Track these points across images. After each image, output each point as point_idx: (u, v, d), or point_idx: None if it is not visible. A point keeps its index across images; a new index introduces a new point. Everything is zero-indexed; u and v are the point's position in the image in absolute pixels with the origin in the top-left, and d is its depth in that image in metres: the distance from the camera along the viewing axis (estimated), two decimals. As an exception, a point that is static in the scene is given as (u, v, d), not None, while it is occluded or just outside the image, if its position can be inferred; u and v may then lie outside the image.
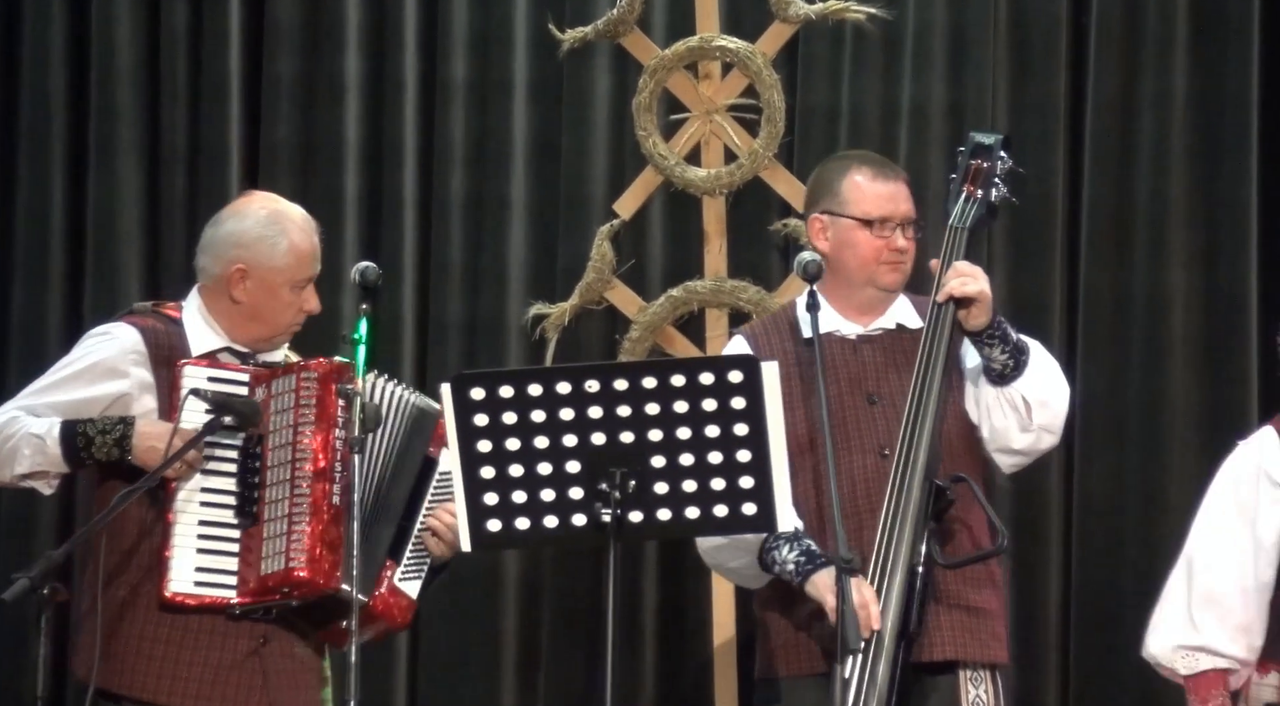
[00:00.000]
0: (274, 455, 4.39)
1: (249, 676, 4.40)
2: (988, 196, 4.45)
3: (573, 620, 5.91)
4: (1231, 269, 5.73)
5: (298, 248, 4.48)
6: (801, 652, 4.36)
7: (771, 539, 4.29)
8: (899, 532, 4.28)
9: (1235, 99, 5.75)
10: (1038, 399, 4.37)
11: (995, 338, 4.33)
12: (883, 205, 4.42)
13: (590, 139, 6.04)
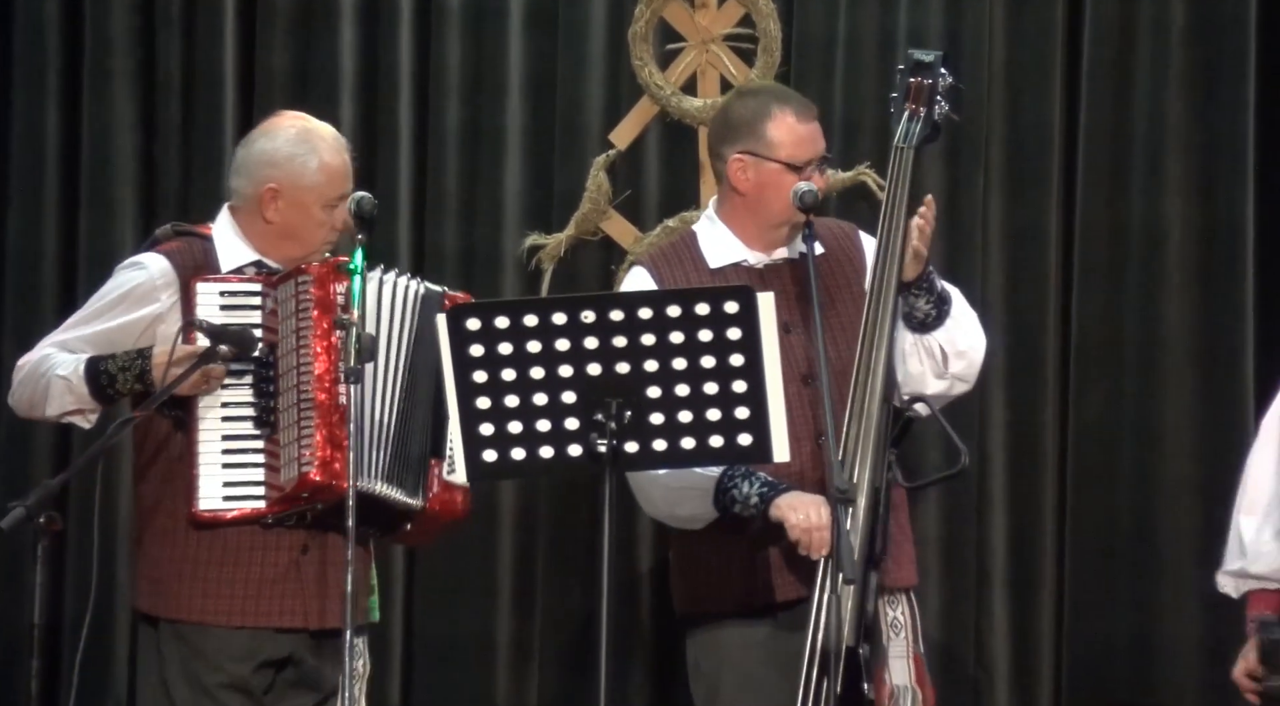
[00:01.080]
0: (284, 362, 4.42)
1: (291, 586, 4.43)
2: (931, 114, 4.44)
3: (569, 549, 5.93)
4: (1228, 199, 5.72)
5: (329, 166, 4.49)
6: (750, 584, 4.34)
7: (727, 478, 4.29)
8: (860, 456, 4.28)
9: (1232, 27, 5.72)
10: (955, 349, 4.39)
11: (924, 288, 4.33)
12: (808, 149, 4.41)
13: (586, 69, 6.02)
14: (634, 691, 5.92)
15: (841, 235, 4.54)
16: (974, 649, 5.79)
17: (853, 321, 4.41)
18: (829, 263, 4.47)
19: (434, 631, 6.02)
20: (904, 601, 4.41)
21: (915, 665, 4.36)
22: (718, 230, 4.46)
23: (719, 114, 4.57)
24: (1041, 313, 5.80)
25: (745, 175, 4.42)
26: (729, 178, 4.44)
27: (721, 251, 4.44)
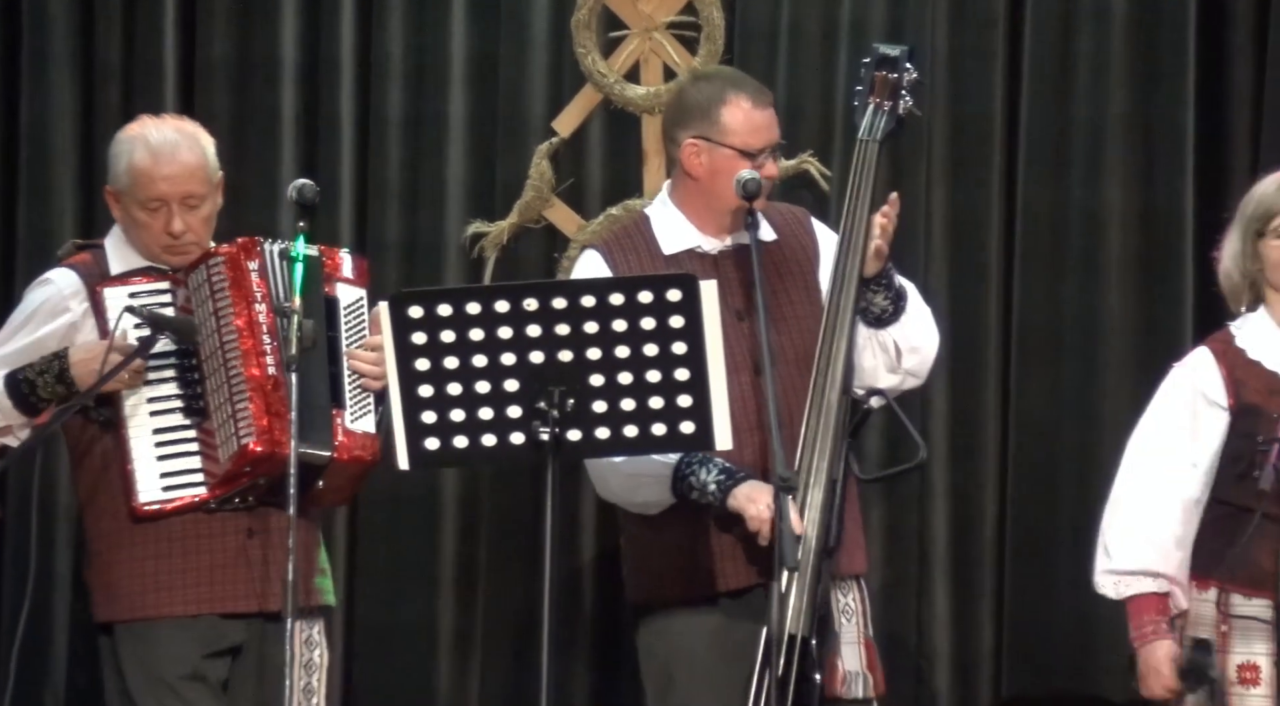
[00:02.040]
0: (206, 346, 4.39)
1: (242, 571, 4.41)
2: (896, 108, 4.44)
3: (511, 537, 5.93)
4: (1167, 188, 5.75)
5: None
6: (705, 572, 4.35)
7: (684, 465, 4.28)
8: (819, 446, 4.28)
9: (1172, 18, 5.75)
10: (909, 345, 4.40)
11: (883, 284, 4.34)
12: (763, 136, 4.39)
13: (529, 56, 6.01)
14: (576, 679, 5.93)
15: (794, 221, 4.53)
16: (915, 635, 5.81)
17: (805, 309, 4.41)
18: (781, 250, 4.47)
19: (375, 619, 6.01)
20: (855, 588, 4.42)
21: (866, 650, 4.37)
22: (671, 215, 4.45)
23: (674, 97, 4.54)
24: (983, 300, 5.83)
25: (698, 160, 4.41)
26: (682, 162, 4.42)
27: (675, 237, 4.42)
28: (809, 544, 4.23)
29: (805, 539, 4.23)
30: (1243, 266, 4.45)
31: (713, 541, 4.32)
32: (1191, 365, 4.47)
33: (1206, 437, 4.39)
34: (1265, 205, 4.43)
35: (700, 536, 4.33)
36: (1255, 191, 4.48)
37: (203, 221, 4.47)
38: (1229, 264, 4.48)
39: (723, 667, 4.30)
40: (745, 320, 4.34)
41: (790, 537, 4.05)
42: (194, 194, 4.45)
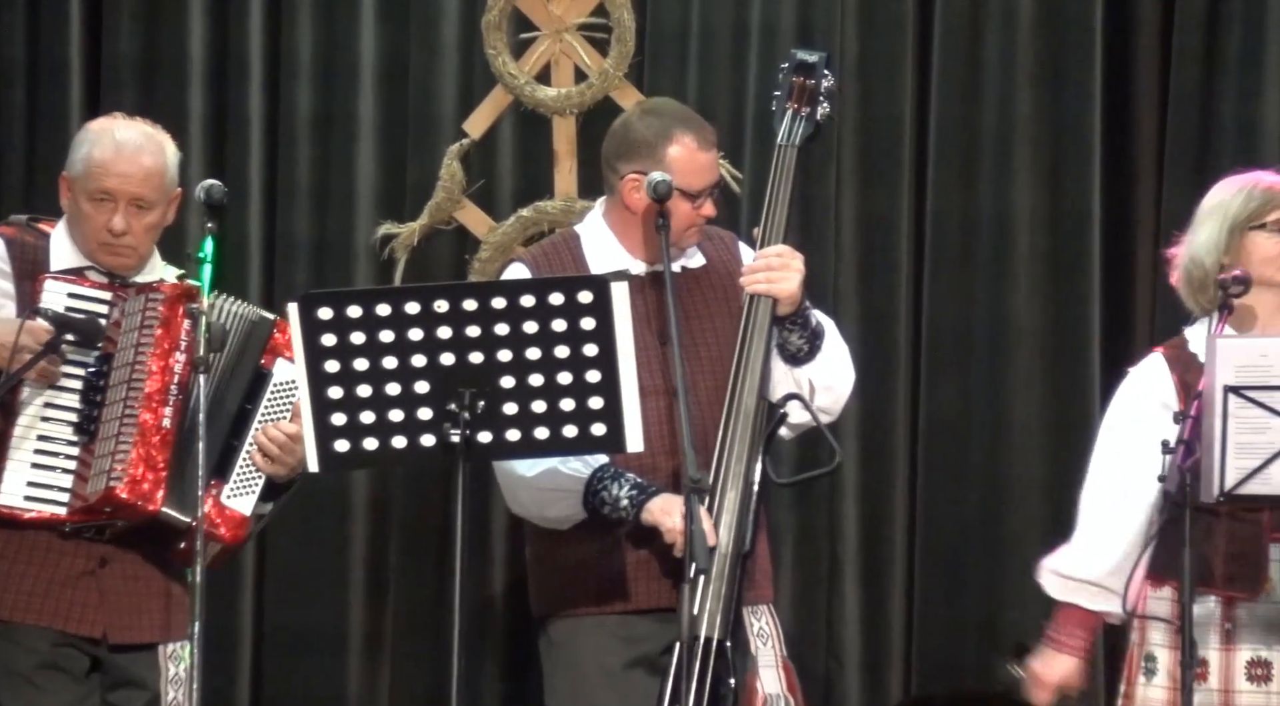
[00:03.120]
0: (116, 374, 4.35)
1: (84, 595, 4.36)
2: (814, 114, 4.45)
3: (421, 540, 5.91)
4: (1075, 189, 5.79)
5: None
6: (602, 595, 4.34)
7: (596, 480, 4.27)
8: (734, 451, 4.28)
9: (1078, 20, 5.79)
10: (824, 383, 4.42)
11: (798, 324, 4.35)
12: (704, 177, 4.39)
13: (439, 57, 5.99)
14: (486, 682, 5.91)
15: (722, 247, 4.54)
16: (826, 637, 5.83)
17: (728, 337, 4.41)
18: (709, 275, 4.47)
19: (284, 623, 5.97)
20: (766, 612, 4.43)
21: (785, 672, 4.38)
22: (602, 236, 4.45)
23: (619, 127, 4.50)
24: (893, 302, 5.85)
25: (638, 195, 4.38)
26: (621, 194, 4.41)
27: (604, 257, 4.42)
28: (723, 547, 4.23)
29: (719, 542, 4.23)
30: (1214, 258, 4.46)
31: (621, 559, 4.31)
32: (1146, 372, 4.51)
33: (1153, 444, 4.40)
34: (1265, 199, 4.45)
35: (609, 554, 4.32)
36: (1239, 187, 4.49)
37: (146, 228, 4.43)
38: (1200, 255, 4.46)
39: (629, 677, 4.29)
40: (668, 344, 4.34)
41: (701, 539, 4.05)
42: (143, 198, 4.41)
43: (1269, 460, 4.16)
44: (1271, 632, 4.36)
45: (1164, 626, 4.40)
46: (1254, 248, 4.43)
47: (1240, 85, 5.70)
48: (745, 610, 4.33)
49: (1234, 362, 4.18)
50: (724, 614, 4.22)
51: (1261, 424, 4.18)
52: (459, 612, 3.95)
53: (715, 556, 4.22)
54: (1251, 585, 4.36)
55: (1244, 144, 5.67)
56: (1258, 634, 4.36)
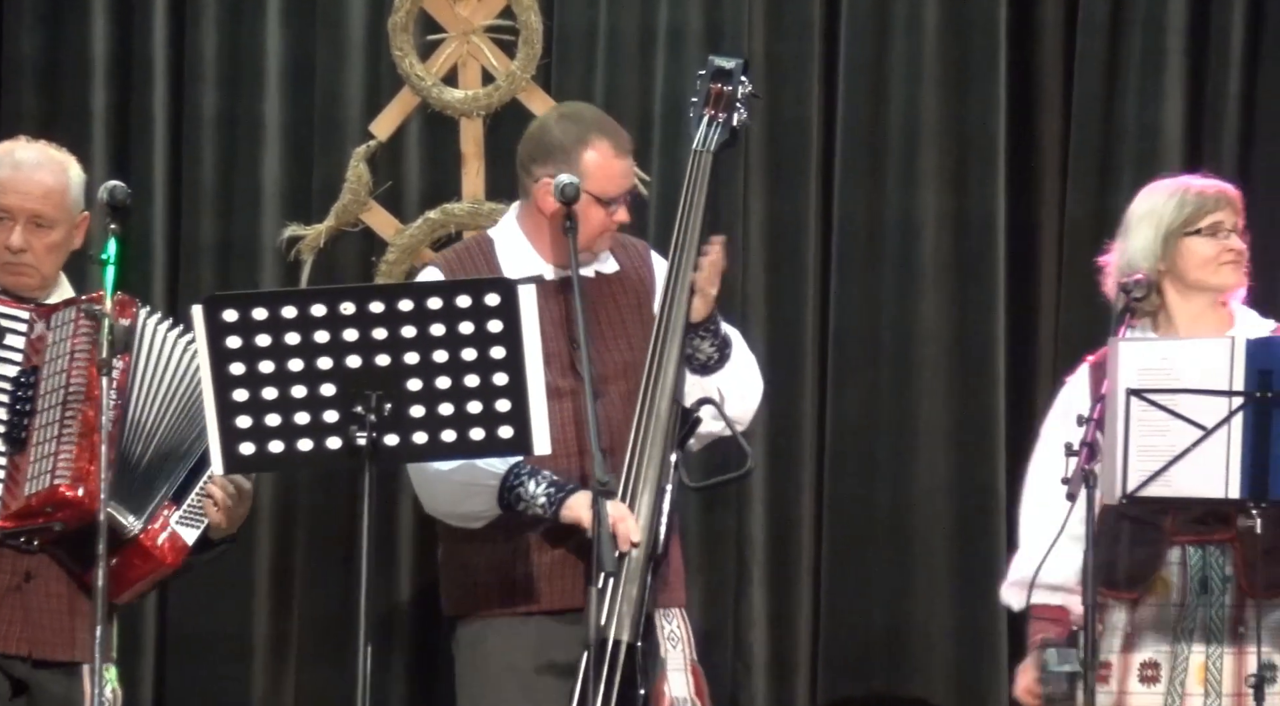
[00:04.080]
0: (48, 383, 4.29)
1: (8, 612, 4.30)
2: (730, 120, 4.47)
3: (327, 543, 5.88)
4: (980, 194, 5.83)
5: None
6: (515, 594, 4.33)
7: (513, 477, 4.26)
8: (647, 454, 4.29)
9: (983, 25, 5.83)
10: (734, 393, 4.43)
11: (709, 332, 4.36)
12: (619, 184, 4.40)
13: (345, 58, 5.97)
14: (394, 687, 5.89)
15: (635, 254, 4.55)
16: (733, 641, 5.84)
17: (640, 342, 4.41)
18: (622, 281, 4.47)
19: (188, 628, 5.93)
20: (678, 615, 4.43)
21: (694, 677, 4.39)
22: (516, 239, 4.44)
23: (535, 131, 4.49)
24: (800, 305, 5.87)
25: (551, 198, 4.39)
26: (535, 198, 4.40)
27: (518, 262, 4.41)
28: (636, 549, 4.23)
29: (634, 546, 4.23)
30: (1149, 263, 4.49)
31: (535, 559, 4.31)
32: (1072, 381, 4.57)
33: None
34: (1196, 204, 4.49)
35: (522, 554, 4.32)
36: (1175, 192, 4.52)
37: (47, 248, 4.37)
38: (1140, 263, 4.50)
39: (541, 678, 4.29)
40: (580, 347, 4.33)
41: (608, 543, 4.05)
42: (42, 215, 4.36)
43: (1170, 462, 4.20)
44: (1164, 634, 4.40)
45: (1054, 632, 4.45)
46: (1189, 253, 4.48)
47: (1142, 89, 5.75)
48: (657, 613, 4.33)
49: (1136, 365, 4.22)
50: (635, 617, 4.22)
51: (1163, 426, 4.21)
52: (366, 616, 3.93)
53: (627, 559, 4.21)
54: (1150, 588, 4.39)
55: (1146, 148, 5.72)
56: (1151, 636, 4.39)
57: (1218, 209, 4.49)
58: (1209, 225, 4.47)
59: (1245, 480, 4.19)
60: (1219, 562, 4.39)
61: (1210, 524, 4.39)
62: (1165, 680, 4.37)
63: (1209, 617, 4.38)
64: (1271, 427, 4.19)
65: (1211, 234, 4.47)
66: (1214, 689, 4.37)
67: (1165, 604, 4.39)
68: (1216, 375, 4.20)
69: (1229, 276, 4.46)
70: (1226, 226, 4.49)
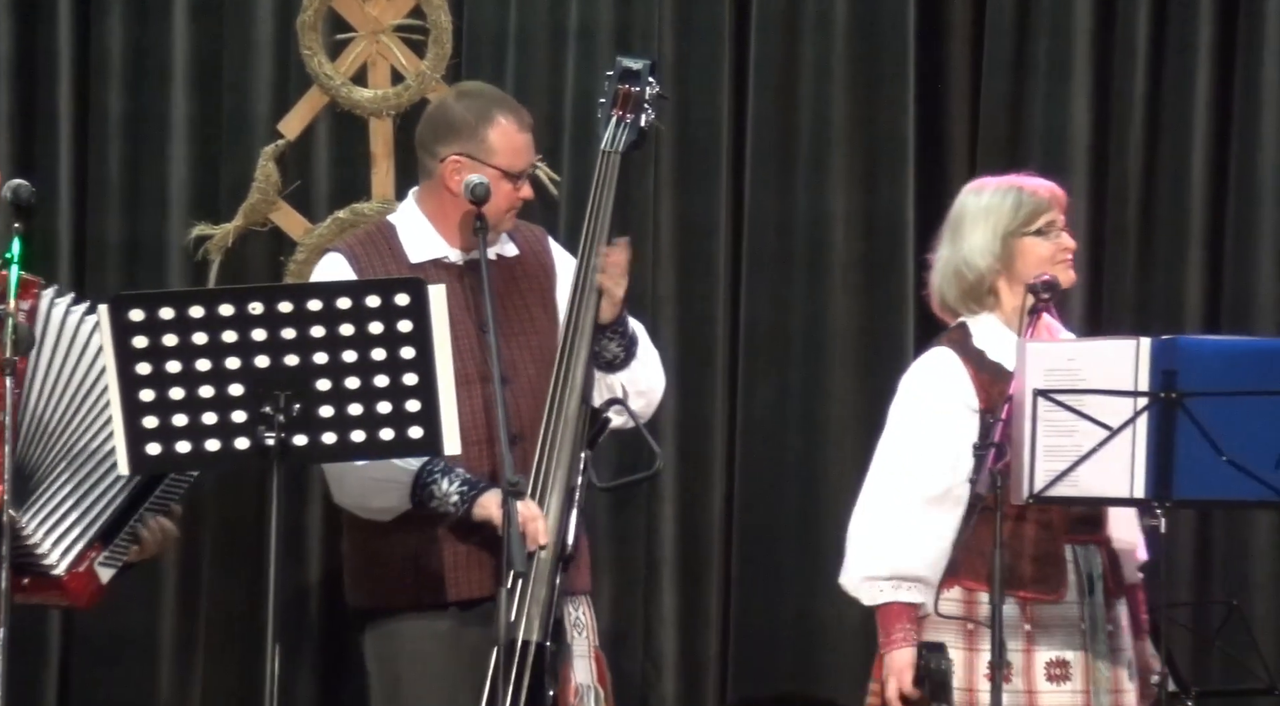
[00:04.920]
0: None
1: None
2: (638, 121, 4.48)
3: (235, 543, 5.85)
4: (890, 193, 5.86)
5: None
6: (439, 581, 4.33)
7: (425, 474, 4.26)
8: (557, 455, 4.29)
9: (892, 26, 5.86)
10: (636, 389, 4.45)
11: (617, 332, 4.37)
12: (525, 158, 4.41)
13: (254, 57, 5.94)
14: (302, 687, 5.86)
15: (534, 240, 4.55)
16: (643, 640, 5.84)
17: (545, 324, 4.42)
18: (524, 265, 4.48)
19: (93, 628, 5.88)
20: (584, 602, 4.43)
21: (596, 663, 4.39)
22: (419, 224, 4.43)
23: (436, 111, 4.49)
24: (711, 305, 5.88)
25: (460, 176, 4.37)
26: (442, 177, 4.39)
27: (422, 245, 4.40)
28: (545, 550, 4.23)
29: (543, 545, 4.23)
30: (986, 263, 4.52)
31: (445, 550, 4.30)
32: (937, 367, 4.53)
33: (960, 439, 4.45)
34: (1032, 204, 4.52)
35: (432, 545, 4.31)
36: (1009, 191, 4.55)
37: None
38: (973, 258, 4.53)
39: (452, 674, 4.28)
40: (488, 331, 4.32)
41: (518, 542, 4.05)
42: None
43: (1076, 462, 4.23)
44: (1068, 633, 4.43)
45: (955, 628, 4.44)
46: (1027, 252, 4.51)
47: (1048, 92, 5.80)
48: (564, 600, 4.33)
49: (1043, 367, 4.24)
50: (544, 617, 4.21)
51: (1069, 427, 4.24)
52: (274, 616, 3.92)
53: (535, 559, 4.21)
54: (1055, 587, 4.42)
55: (1052, 149, 5.77)
56: (1055, 634, 4.42)
57: (1051, 208, 4.53)
58: (1045, 224, 4.51)
59: (1150, 480, 4.23)
60: (1095, 562, 4.44)
61: (1091, 523, 4.43)
62: (1078, 678, 4.41)
63: (1095, 617, 4.42)
64: (1176, 428, 4.22)
65: (1048, 233, 4.51)
66: (1104, 686, 4.41)
67: (1067, 602, 4.43)
68: (1122, 376, 4.23)
69: (1065, 274, 4.49)
70: (1059, 225, 4.53)
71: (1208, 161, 5.73)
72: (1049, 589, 4.41)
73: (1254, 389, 4.21)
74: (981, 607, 4.41)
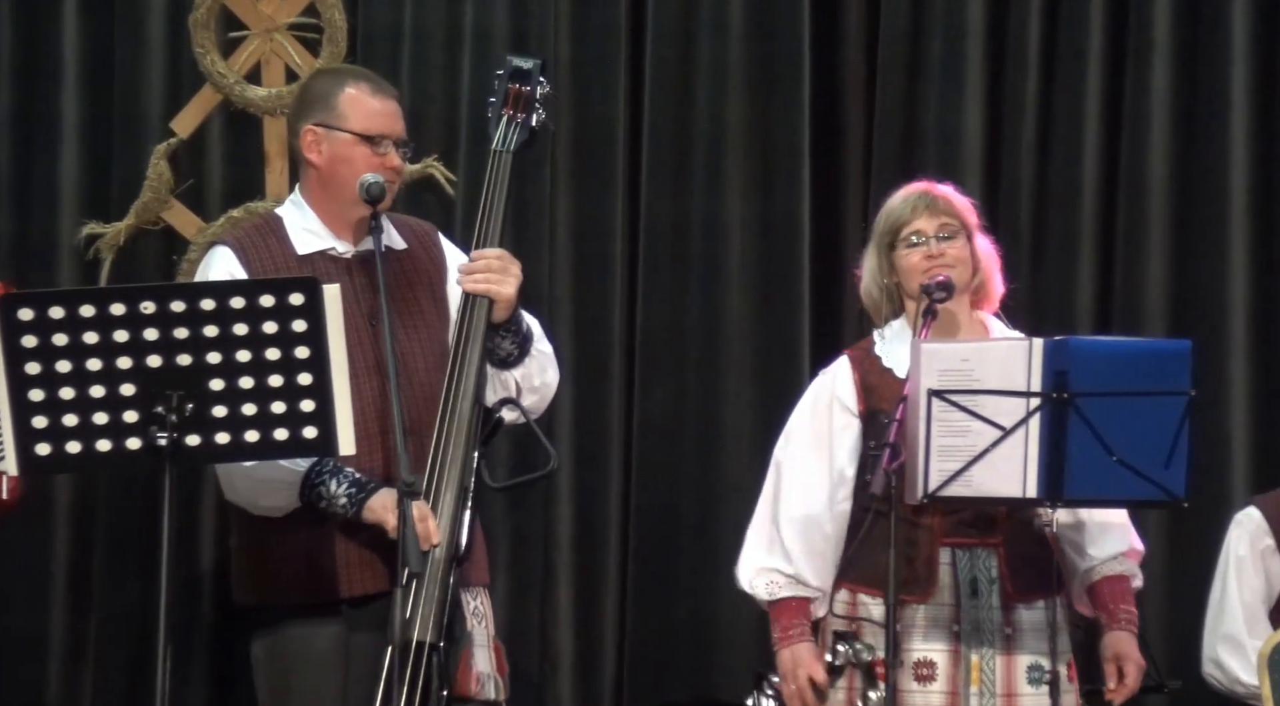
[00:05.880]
0: None
1: None
2: (529, 120, 4.47)
3: (126, 543, 5.80)
4: (785, 197, 5.88)
5: None
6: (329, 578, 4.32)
7: (314, 474, 4.24)
8: (450, 454, 4.28)
9: (787, 30, 5.89)
10: (530, 385, 4.44)
11: (510, 330, 4.36)
12: (381, 122, 4.37)
13: (146, 54, 5.90)
14: (193, 689, 5.82)
15: (423, 234, 4.53)
16: (539, 640, 5.84)
17: (435, 318, 4.41)
18: (413, 259, 4.45)
19: (-18, 630, 5.83)
20: (483, 593, 4.42)
21: (495, 653, 4.39)
22: (304, 216, 4.40)
23: (297, 90, 4.50)
24: (607, 307, 5.88)
25: (318, 148, 4.36)
26: (303, 152, 4.38)
27: (308, 238, 4.37)
28: (437, 550, 4.22)
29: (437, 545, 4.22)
30: (880, 281, 4.57)
31: (337, 547, 4.28)
32: (832, 373, 4.60)
33: (846, 443, 4.50)
34: (894, 218, 4.56)
35: (324, 541, 4.29)
36: (884, 207, 4.61)
37: None
38: (868, 280, 4.60)
39: (343, 674, 4.26)
40: (377, 325, 4.31)
41: (414, 541, 4.03)
42: None
43: (970, 462, 4.26)
44: (939, 634, 4.45)
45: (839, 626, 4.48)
46: (900, 264, 4.55)
47: (942, 95, 5.84)
48: (463, 591, 4.33)
49: (937, 367, 4.27)
50: (438, 617, 4.20)
51: (963, 427, 4.27)
52: (165, 616, 3.89)
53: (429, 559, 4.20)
54: (923, 589, 4.45)
55: (946, 152, 5.81)
56: (924, 635, 4.44)
57: (915, 217, 4.54)
58: (906, 235, 4.54)
59: (1042, 480, 4.26)
60: (986, 566, 4.46)
61: (980, 526, 4.46)
62: (943, 679, 4.43)
63: (980, 619, 4.44)
64: (1067, 428, 4.25)
65: (912, 244, 4.53)
66: (988, 689, 4.43)
67: (938, 604, 4.45)
68: (1015, 376, 4.26)
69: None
70: (928, 233, 4.52)
71: (1099, 164, 5.79)
72: (917, 591, 4.44)
73: (1144, 389, 4.25)
74: (864, 609, 4.44)
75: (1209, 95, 5.76)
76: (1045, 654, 4.46)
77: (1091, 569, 4.54)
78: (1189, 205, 5.78)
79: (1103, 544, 4.53)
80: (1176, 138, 5.77)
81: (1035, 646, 4.46)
